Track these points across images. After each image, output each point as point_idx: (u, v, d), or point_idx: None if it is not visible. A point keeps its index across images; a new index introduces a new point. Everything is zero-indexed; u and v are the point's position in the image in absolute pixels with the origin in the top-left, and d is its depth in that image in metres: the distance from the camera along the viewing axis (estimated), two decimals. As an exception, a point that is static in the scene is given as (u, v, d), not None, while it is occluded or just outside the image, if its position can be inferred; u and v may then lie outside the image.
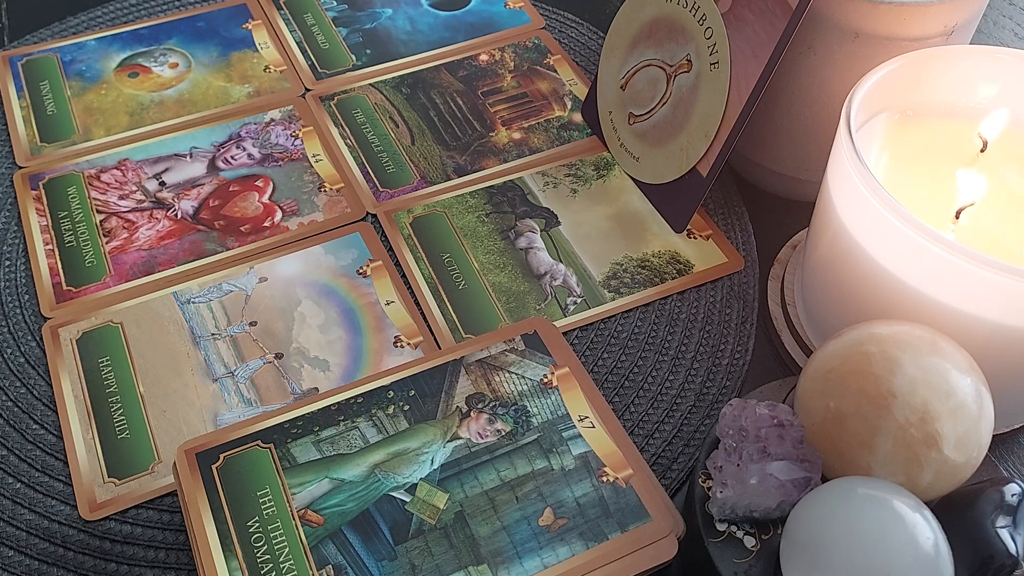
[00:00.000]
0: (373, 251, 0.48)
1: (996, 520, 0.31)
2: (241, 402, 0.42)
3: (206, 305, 0.45)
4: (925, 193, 0.40)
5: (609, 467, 0.37)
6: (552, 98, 0.55)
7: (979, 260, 0.34)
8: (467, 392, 0.39)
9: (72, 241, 0.48)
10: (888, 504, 0.30)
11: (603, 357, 0.44)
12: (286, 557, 0.34)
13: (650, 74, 0.49)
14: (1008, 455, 0.41)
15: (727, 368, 0.44)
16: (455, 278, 0.46)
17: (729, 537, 0.33)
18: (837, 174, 0.39)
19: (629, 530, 0.35)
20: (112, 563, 0.37)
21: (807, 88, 0.45)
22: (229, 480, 0.36)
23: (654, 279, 0.47)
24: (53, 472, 0.40)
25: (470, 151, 0.52)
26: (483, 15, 0.60)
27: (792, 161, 0.49)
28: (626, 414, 0.42)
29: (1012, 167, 0.41)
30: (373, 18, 0.60)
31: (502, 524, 0.36)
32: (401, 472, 0.37)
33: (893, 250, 0.37)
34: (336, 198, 0.50)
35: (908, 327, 0.34)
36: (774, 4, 0.42)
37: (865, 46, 0.42)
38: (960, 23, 0.42)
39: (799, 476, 0.32)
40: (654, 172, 0.49)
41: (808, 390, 0.34)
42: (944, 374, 0.32)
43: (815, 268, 0.43)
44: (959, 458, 0.32)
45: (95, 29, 0.59)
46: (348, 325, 0.45)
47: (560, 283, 0.46)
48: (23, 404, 0.42)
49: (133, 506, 0.39)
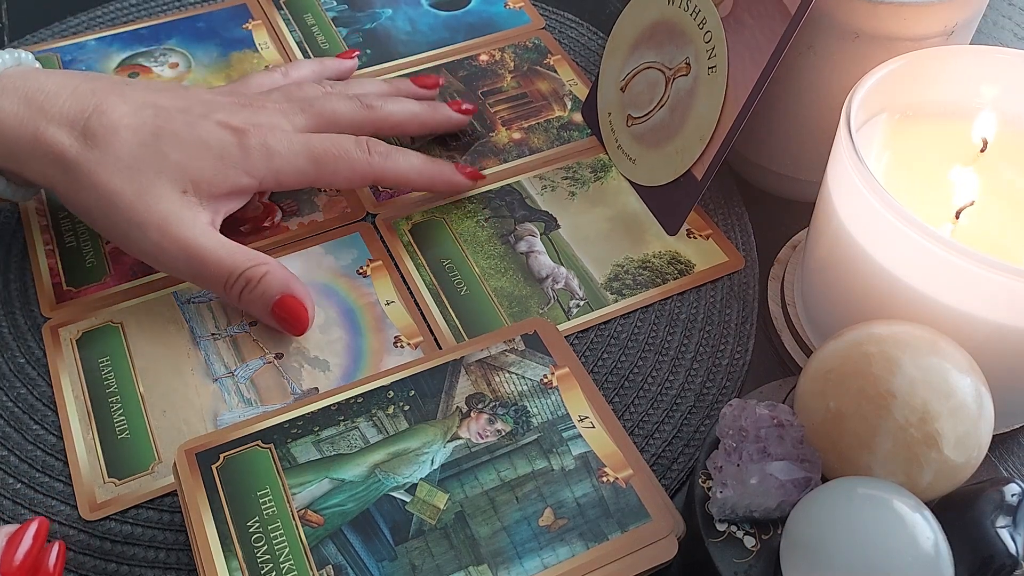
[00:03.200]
0: (373, 251, 0.48)
1: (996, 520, 0.31)
2: (241, 402, 0.42)
3: (206, 305, 0.45)
4: (925, 193, 0.40)
5: (609, 467, 0.37)
6: (552, 98, 0.55)
7: (979, 260, 0.34)
8: (467, 392, 0.39)
9: (72, 241, 0.48)
10: (888, 504, 0.30)
11: (603, 357, 0.44)
12: (286, 557, 0.34)
13: (649, 76, 0.49)
14: (1008, 455, 0.41)
15: (727, 368, 0.44)
16: (456, 284, 0.46)
17: (729, 537, 0.33)
18: (837, 174, 0.39)
19: (629, 530, 0.35)
20: (112, 563, 0.37)
21: (807, 88, 0.45)
22: (229, 480, 0.36)
23: (656, 280, 0.47)
24: (53, 472, 0.40)
25: (470, 151, 0.52)
26: (483, 15, 0.60)
27: (792, 161, 0.49)
28: (626, 414, 0.42)
29: (1012, 167, 0.41)
30: (373, 18, 0.60)
31: (502, 524, 0.36)
32: (401, 472, 0.37)
33: (893, 250, 0.37)
34: (336, 198, 0.50)
35: (908, 327, 0.34)
36: (773, 8, 0.42)
37: (865, 46, 0.42)
38: (960, 23, 0.42)
39: (799, 476, 0.32)
40: (649, 174, 0.49)
41: (808, 390, 0.34)
42: (944, 374, 0.32)
43: (815, 268, 0.43)
44: (959, 458, 0.32)
45: (95, 29, 0.59)
46: (348, 325, 0.45)
47: (562, 286, 0.46)
48: (23, 405, 0.42)
49: (133, 506, 0.39)
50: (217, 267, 0.42)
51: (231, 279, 0.42)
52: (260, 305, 0.43)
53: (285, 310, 0.43)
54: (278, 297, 0.42)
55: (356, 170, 0.45)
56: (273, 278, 0.43)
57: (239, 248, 0.43)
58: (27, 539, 0.33)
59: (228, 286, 0.42)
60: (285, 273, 0.43)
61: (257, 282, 0.42)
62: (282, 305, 0.43)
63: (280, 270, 0.43)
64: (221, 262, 0.42)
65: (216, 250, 0.42)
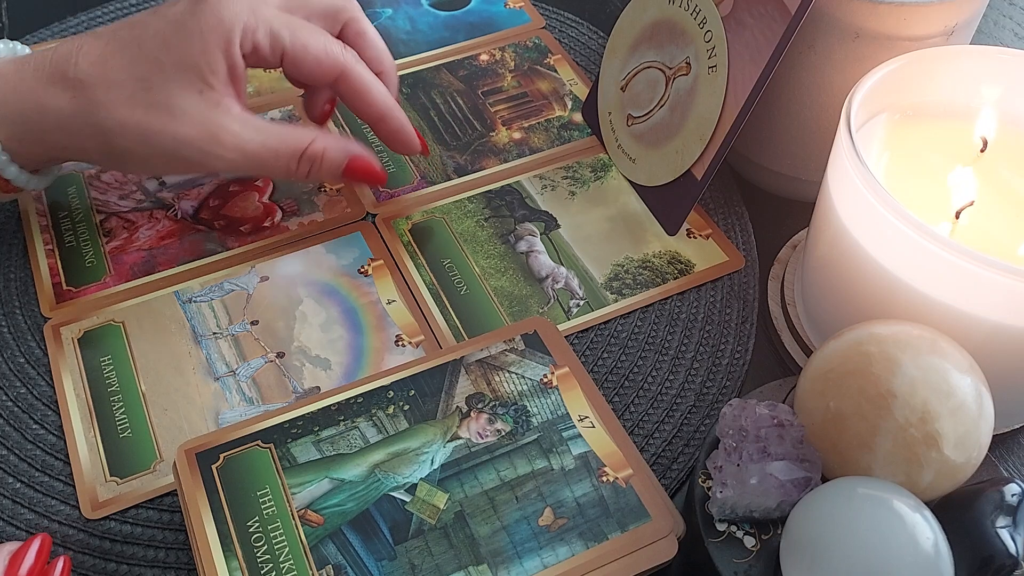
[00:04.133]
0: (374, 250, 0.48)
1: (996, 520, 0.31)
2: (243, 401, 0.42)
3: (207, 304, 0.45)
4: (925, 193, 0.40)
5: (609, 467, 0.37)
6: (552, 98, 0.55)
7: (979, 260, 0.34)
8: (467, 392, 0.39)
9: (72, 241, 0.48)
10: (888, 504, 0.30)
11: (603, 357, 0.44)
12: (286, 557, 0.34)
13: (650, 76, 0.49)
14: (1008, 455, 0.41)
15: (727, 368, 0.44)
16: (456, 283, 0.46)
17: (729, 537, 0.33)
18: (837, 174, 0.39)
19: (629, 530, 0.35)
20: (112, 563, 0.37)
21: (807, 88, 0.45)
22: (229, 480, 0.36)
23: (656, 279, 0.47)
24: (53, 472, 0.40)
25: (470, 151, 0.52)
26: (483, 15, 0.60)
27: (792, 161, 0.49)
28: (626, 414, 0.42)
29: (1012, 167, 0.41)
30: (373, 18, 0.60)
31: (502, 524, 0.36)
32: (401, 472, 0.37)
33: (893, 250, 0.37)
34: (336, 198, 0.50)
35: (908, 327, 0.34)
36: (773, 8, 0.42)
37: (865, 46, 0.42)
38: (960, 23, 0.42)
39: (799, 476, 0.32)
40: (649, 174, 0.49)
41: (808, 390, 0.34)
42: (944, 374, 0.32)
43: (815, 268, 0.43)
44: (959, 458, 0.32)
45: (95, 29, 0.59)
46: (349, 324, 0.45)
47: (562, 286, 0.46)
48: (23, 404, 0.42)
49: (133, 506, 0.39)
50: (275, 160, 0.43)
51: (292, 167, 0.43)
52: (331, 177, 0.45)
53: (357, 173, 0.45)
54: (344, 164, 0.44)
55: (329, 54, 0.43)
56: (332, 152, 0.44)
57: (286, 130, 0.43)
58: (29, 557, 0.33)
59: (292, 173, 0.43)
60: (339, 141, 0.44)
61: (320, 161, 0.44)
62: (352, 171, 0.44)
63: (335, 140, 0.44)
64: (277, 155, 0.43)
65: (267, 143, 0.42)
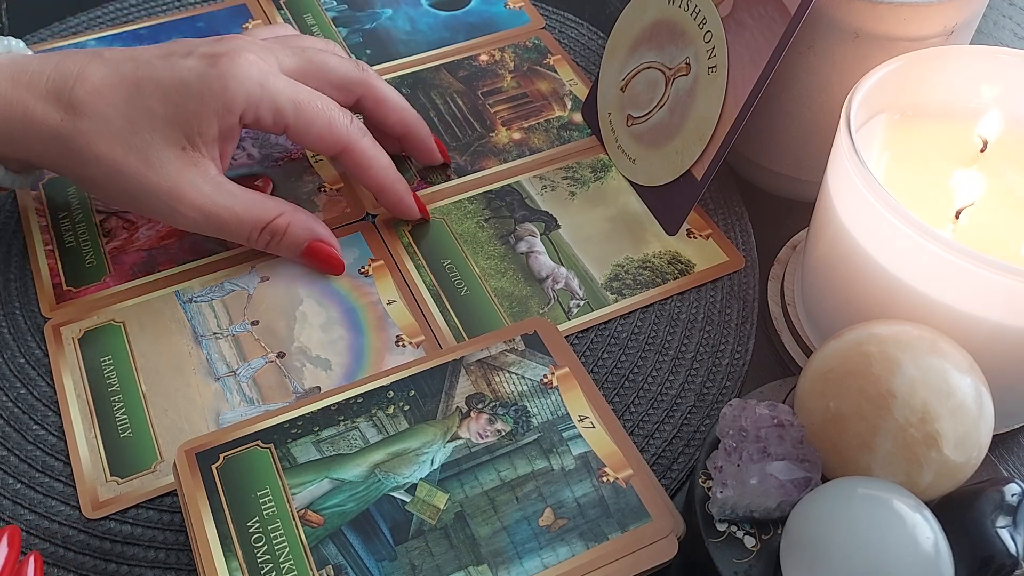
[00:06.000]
0: (375, 251, 0.48)
1: (996, 520, 0.31)
2: (243, 401, 0.42)
3: (208, 304, 0.45)
4: (925, 193, 0.40)
5: (609, 467, 0.37)
6: (552, 98, 0.55)
7: (979, 260, 0.34)
8: (467, 392, 0.39)
9: (72, 241, 0.48)
10: (888, 504, 0.30)
11: (603, 357, 0.44)
12: (286, 557, 0.34)
13: (649, 76, 0.49)
14: (1008, 455, 0.41)
15: (727, 368, 0.44)
16: (457, 284, 0.46)
17: (729, 537, 0.33)
18: (837, 174, 0.39)
19: (629, 530, 0.35)
20: (112, 563, 0.37)
21: (807, 88, 0.45)
22: (229, 480, 0.36)
23: (656, 280, 0.47)
24: (53, 473, 0.40)
25: (470, 151, 0.52)
26: (483, 15, 0.60)
27: (792, 161, 0.49)
28: (626, 414, 0.42)
29: (1012, 167, 0.41)
30: (373, 18, 0.60)
31: (502, 524, 0.36)
32: (401, 472, 0.37)
33: (893, 250, 0.37)
34: (336, 198, 0.50)
35: (908, 327, 0.34)
36: (773, 9, 0.42)
37: (865, 46, 0.42)
38: (960, 23, 0.42)
39: (799, 476, 0.32)
40: (649, 174, 0.49)
41: (808, 390, 0.34)
42: (944, 374, 0.32)
43: (815, 268, 0.43)
44: (959, 458, 0.32)
45: (95, 29, 0.59)
46: (350, 324, 0.45)
47: (562, 286, 0.46)
48: (23, 405, 0.42)
49: (133, 506, 0.39)
50: (237, 226, 0.43)
51: (253, 235, 0.43)
52: (289, 254, 0.45)
53: (316, 257, 0.45)
54: (305, 245, 0.44)
55: (333, 131, 0.44)
56: (296, 228, 0.44)
57: (255, 200, 0.43)
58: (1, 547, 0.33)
59: (252, 241, 0.44)
60: (306, 219, 0.44)
61: (282, 235, 0.44)
62: (311, 253, 0.44)
63: (301, 216, 0.44)
64: (240, 221, 0.43)
65: (233, 208, 0.42)
